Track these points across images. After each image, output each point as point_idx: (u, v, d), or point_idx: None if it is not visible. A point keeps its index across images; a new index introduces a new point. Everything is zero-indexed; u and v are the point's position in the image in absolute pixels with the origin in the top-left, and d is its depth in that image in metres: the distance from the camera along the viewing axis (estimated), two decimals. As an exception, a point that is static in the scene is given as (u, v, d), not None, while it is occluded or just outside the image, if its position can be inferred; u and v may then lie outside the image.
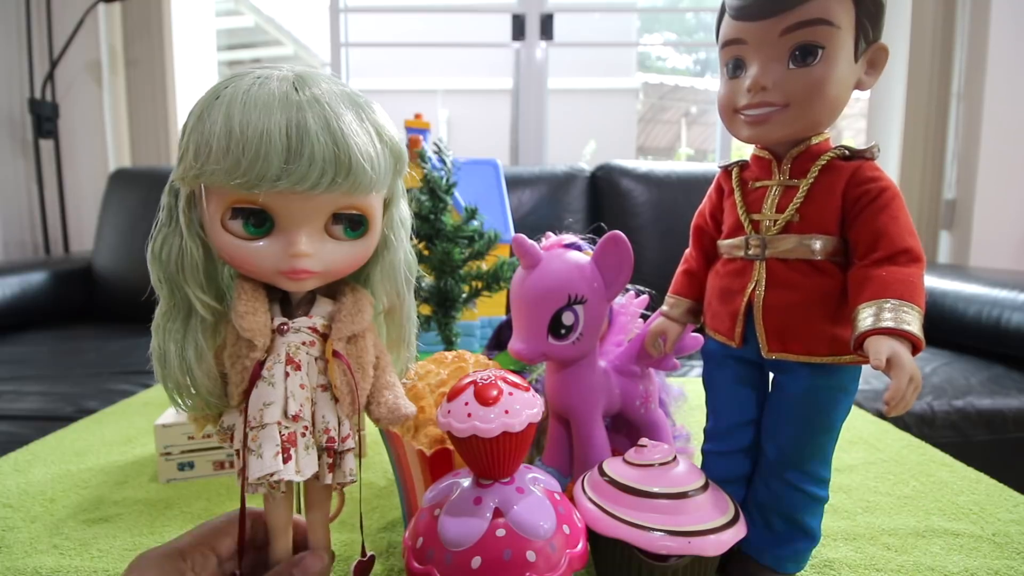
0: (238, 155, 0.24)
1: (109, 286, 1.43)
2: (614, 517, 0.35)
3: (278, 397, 0.28)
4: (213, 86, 0.26)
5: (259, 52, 5.11)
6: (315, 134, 0.25)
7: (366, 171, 0.26)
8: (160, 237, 0.28)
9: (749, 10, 0.33)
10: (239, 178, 0.24)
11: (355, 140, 0.26)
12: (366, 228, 0.29)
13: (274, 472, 0.27)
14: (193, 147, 0.25)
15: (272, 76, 0.26)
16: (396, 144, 0.29)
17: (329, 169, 0.25)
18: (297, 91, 0.25)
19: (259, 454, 0.27)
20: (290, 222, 0.27)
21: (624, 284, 0.42)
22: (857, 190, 0.33)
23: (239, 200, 0.26)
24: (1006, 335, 1.05)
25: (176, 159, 0.27)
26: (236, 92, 0.25)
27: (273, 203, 0.26)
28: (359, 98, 0.28)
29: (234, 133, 0.24)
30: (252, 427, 0.27)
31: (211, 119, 0.25)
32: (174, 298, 0.29)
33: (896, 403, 0.28)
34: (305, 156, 0.25)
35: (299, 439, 0.28)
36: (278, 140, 0.24)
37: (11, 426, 0.76)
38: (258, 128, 0.24)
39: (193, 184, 0.27)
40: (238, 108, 0.24)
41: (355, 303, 0.30)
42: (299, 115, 0.25)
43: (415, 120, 0.88)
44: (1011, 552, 0.43)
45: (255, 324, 0.28)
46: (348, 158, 0.25)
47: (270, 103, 0.25)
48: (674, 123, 6.28)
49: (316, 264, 0.28)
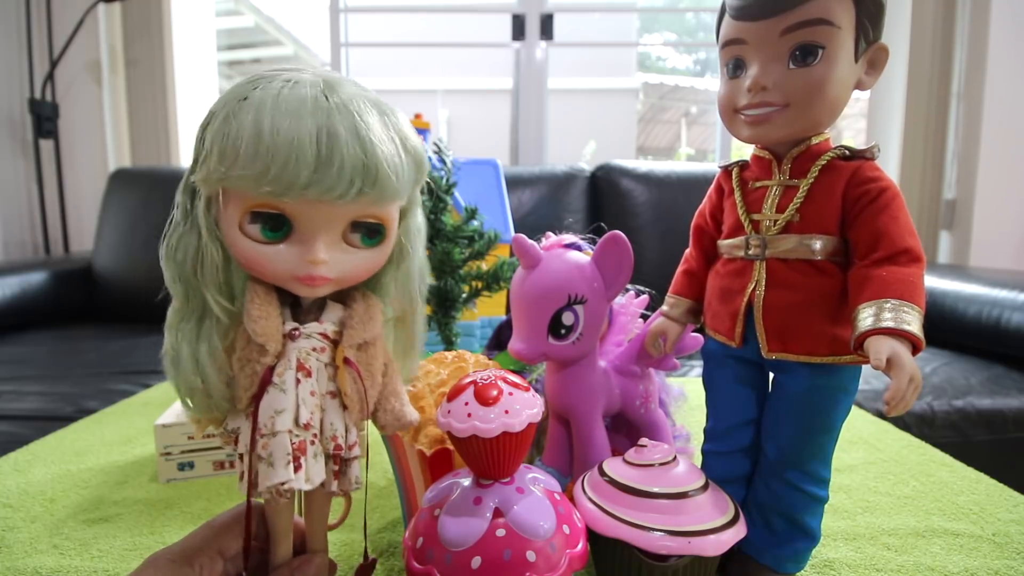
0: (267, 161, 0.24)
1: (109, 286, 1.42)
2: (614, 517, 0.35)
3: (289, 404, 0.27)
4: (237, 87, 0.26)
5: (259, 52, 5.11)
6: (344, 142, 0.24)
7: (391, 181, 0.26)
8: (175, 237, 0.28)
9: (749, 10, 0.33)
10: (268, 185, 0.24)
11: (383, 149, 0.25)
12: (383, 237, 0.29)
13: (285, 481, 0.26)
14: (218, 149, 0.25)
15: (302, 80, 0.25)
16: (419, 153, 0.28)
17: (357, 179, 0.25)
18: (326, 97, 0.25)
19: (270, 463, 0.27)
20: (309, 228, 0.27)
21: (624, 284, 0.42)
22: (857, 190, 0.33)
23: (261, 205, 0.26)
24: (1006, 335, 1.05)
25: (194, 159, 0.27)
26: (265, 95, 0.24)
27: (296, 209, 0.26)
28: (384, 105, 0.27)
29: (263, 137, 0.24)
30: (263, 434, 0.27)
31: (238, 122, 0.24)
32: (189, 299, 0.28)
33: (896, 403, 0.28)
34: (335, 165, 0.24)
35: (308, 447, 0.28)
36: (308, 148, 0.24)
37: (11, 426, 0.76)
38: (288, 134, 0.24)
39: (216, 187, 0.26)
40: (268, 112, 0.24)
41: (367, 310, 0.30)
42: (329, 122, 0.24)
43: (415, 120, 0.88)
44: (1011, 552, 0.43)
45: (268, 329, 0.27)
46: (376, 168, 0.25)
47: (300, 109, 0.24)
48: (674, 123, 6.28)
49: (332, 271, 0.27)
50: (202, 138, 0.26)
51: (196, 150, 0.27)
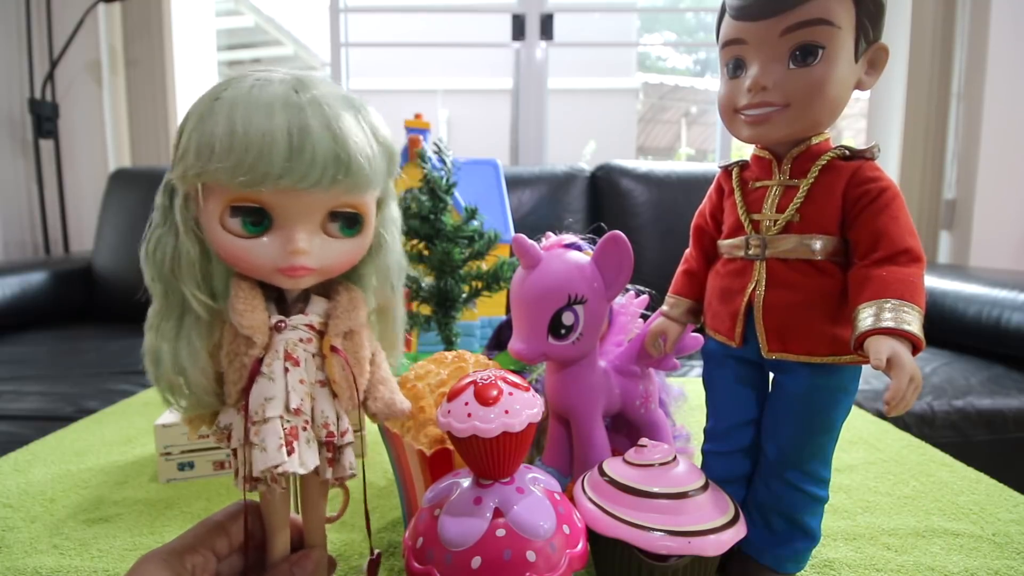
0: (241, 154, 0.25)
1: (109, 286, 1.43)
2: (614, 517, 0.35)
3: (279, 392, 0.28)
4: (210, 89, 0.27)
5: (259, 52, 5.11)
6: (316, 134, 0.25)
7: (364, 169, 0.27)
8: (154, 238, 0.28)
9: (749, 10, 0.33)
10: (242, 176, 0.25)
11: (354, 139, 0.26)
12: (361, 226, 0.30)
13: (279, 464, 0.27)
14: (194, 147, 0.25)
15: (272, 79, 0.26)
16: (390, 144, 0.29)
17: (330, 167, 0.26)
18: (297, 93, 0.26)
19: (263, 447, 0.27)
20: (288, 220, 0.27)
21: (624, 284, 0.42)
22: (857, 190, 0.33)
23: (239, 198, 0.26)
24: (1006, 335, 1.05)
25: (172, 160, 0.27)
26: (237, 94, 0.25)
27: (273, 201, 0.27)
28: (355, 100, 0.28)
29: (237, 133, 0.24)
30: (254, 422, 0.28)
31: (212, 120, 0.25)
32: (168, 297, 0.29)
33: (896, 403, 0.28)
34: (307, 154, 0.25)
35: (300, 433, 0.28)
36: (281, 140, 0.25)
37: (11, 426, 0.76)
38: (260, 129, 0.24)
39: (193, 183, 0.27)
40: (240, 110, 0.25)
41: (350, 300, 0.31)
42: (300, 116, 0.25)
43: (415, 120, 0.88)
44: (1011, 552, 0.43)
45: (254, 321, 0.28)
46: (348, 156, 0.26)
47: (272, 105, 0.25)
48: (674, 123, 6.29)
49: (313, 261, 0.28)
50: (179, 139, 0.27)
51: (173, 151, 0.27)
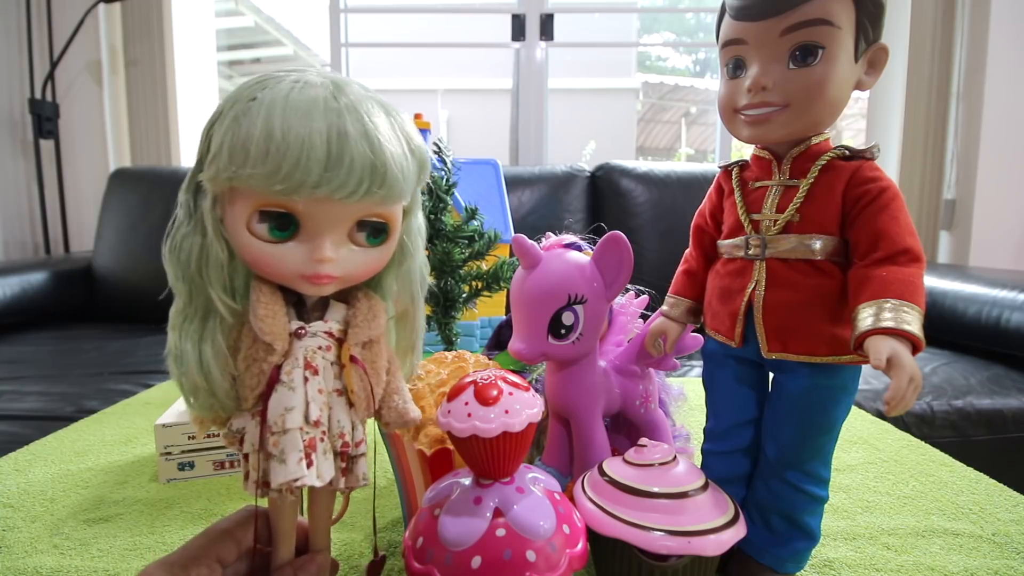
0: (278, 160, 0.24)
1: (109, 286, 1.43)
2: (614, 517, 0.35)
3: (299, 402, 0.28)
4: (245, 87, 0.26)
5: (259, 52, 5.11)
6: (354, 142, 0.25)
7: (399, 181, 0.26)
8: (179, 236, 0.28)
9: (749, 10, 0.33)
10: (279, 184, 0.24)
11: (390, 149, 0.26)
12: (387, 236, 0.29)
13: (299, 478, 0.27)
14: (228, 149, 0.25)
15: (311, 82, 0.25)
16: (423, 153, 0.29)
17: (367, 177, 0.25)
18: (336, 98, 0.25)
19: (282, 459, 0.27)
20: (317, 228, 0.27)
21: (624, 284, 0.42)
22: (857, 190, 0.33)
23: (270, 204, 0.26)
24: (1006, 335, 1.05)
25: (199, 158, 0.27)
26: (275, 95, 0.25)
27: (305, 209, 0.26)
28: (390, 106, 0.28)
29: (275, 137, 0.24)
30: (273, 432, 0.27)
31: (248, 121, 0.24)
32: (192, 298, 0.28)
33: (896, 403, 0.28)
34: (345, 164, 0.25)
35: (318, 444, 0.28)
36: (319, 147, 0.24)
37: (11, 426, 0.76)
38: (300, 134, 0.24)
39: (224, 186, 0.26)
40: (278, 112, 0.24)
41: (370, 308, 0.30)
42: (339, 122, 0.25)
43: (415, 120, 0.88)
44: (1011, 552, 0.43)
45: (275, 327, 0.27)
46: (384, 168, 0.26)
47: (312, 109, 0.24)
48: (674, 123, 6.29)
49: (338, 269, 0.28)
50: (209, 137, 0.26)
51: (201, 149, 0.27)
